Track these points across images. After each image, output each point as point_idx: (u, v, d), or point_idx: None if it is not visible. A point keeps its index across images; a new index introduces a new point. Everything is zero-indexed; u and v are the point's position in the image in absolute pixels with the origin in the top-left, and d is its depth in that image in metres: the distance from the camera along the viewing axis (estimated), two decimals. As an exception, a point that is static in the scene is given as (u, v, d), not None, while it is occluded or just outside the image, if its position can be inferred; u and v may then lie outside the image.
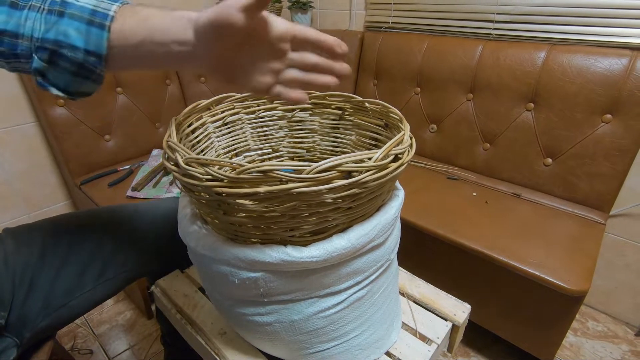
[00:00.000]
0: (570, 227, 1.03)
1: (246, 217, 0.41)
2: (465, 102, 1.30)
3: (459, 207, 1.11)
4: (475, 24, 1.32)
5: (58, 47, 0.36)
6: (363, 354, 0.55)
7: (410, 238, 1.02)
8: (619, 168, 1.05)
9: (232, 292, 0.49)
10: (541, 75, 1.12)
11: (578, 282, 0.83)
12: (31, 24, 0.36)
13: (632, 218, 1.17)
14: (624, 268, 1.24)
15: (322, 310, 0.48)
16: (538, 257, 0.90)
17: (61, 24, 0.36)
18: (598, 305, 1.34)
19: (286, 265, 0.43)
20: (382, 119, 0.58)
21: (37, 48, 0.36)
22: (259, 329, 0.52)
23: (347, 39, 1.59)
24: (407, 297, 0.69)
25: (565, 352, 1.17)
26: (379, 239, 0.47)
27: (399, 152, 0.41)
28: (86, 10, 0.36)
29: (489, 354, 1.16)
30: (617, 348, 1.19)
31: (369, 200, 0.43)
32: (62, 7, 0.36)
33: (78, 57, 0.36)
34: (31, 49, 0.36)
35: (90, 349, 1.17)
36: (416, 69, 1.39)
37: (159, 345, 1.16)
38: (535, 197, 1.17)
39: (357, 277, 0.48)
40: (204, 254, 0.47)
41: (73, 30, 0.36)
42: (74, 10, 0.36)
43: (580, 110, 1.08)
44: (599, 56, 1.05)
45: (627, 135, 1.02)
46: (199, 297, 0.68)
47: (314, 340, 0.50)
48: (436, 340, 0.61)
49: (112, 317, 1.29)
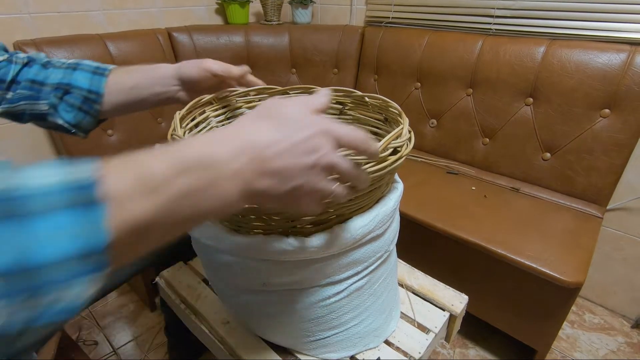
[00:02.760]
0: (568, 221, 1.05)
1: (249, 209, 0.42)
2: (465, 97, 1.31)
3: (458, 201, 1.12)
4: (476, 19, 1.32)
5: (69, 87, 0.52)
6: (362, 342, 0.56)
7: (410, 231, 1.04)
8: (616, 162, 1.06)
9: (235, 281, 0.51)
10: (540, 70, 1.13)
11: (574, 274, 0.84)
12: (53, 76, 0.52)
13: (629, 212, 1.18)
14: (621, 261, 1.25)
15: (323, 299, 0.50)
16: (535, 250, 0.92)
17: (74, 74, 0.52)
18: (595, 298, 1.36)
19: (288, 255, 0.44)
20: (382, 113, 0.59)
21: (55, 89, 0.52)
22: (262, 317, 0.54)
23: (348, 34, 1.59)
24: (406, 288, 0.71)
25: (562, 344, 1.19)
26: (378, 230, 0.48)
27: (397, 146, 0.43)
28: (92, 67, 0.53)
29: (486, 345, 1.18)
30: (613, 340, 1.21)
31: (368, 193, 0.44)
32: (75, 65, 0.53)
33: (83, 93, 0.52)
34: (49, 92, 0.52)
35: (95, 340, 1.19)
36: (416, 64, 1.40)
37: (163, 336, 1.18)
38: (534, 191, 1.18)
39: (357, 267, 0.49)
40: (207, 244, 0.48)
41: (82, 77, 0.52)
42: (83, 66, 0.53)
43: (578, 105, 1.09)
44: (597, 51, 1.05)
45: (625, 130, 1.03)
46: (202, 288, 0.70)
47: (315, 328, 0.52)
48: (434, 330, 0.62)
49: (116, 309, 1.31)
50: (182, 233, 0.27)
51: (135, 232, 0.22)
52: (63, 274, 0.18)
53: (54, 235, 0.20)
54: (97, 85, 0.52)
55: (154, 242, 0.25)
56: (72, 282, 0.19)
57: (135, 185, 0.22)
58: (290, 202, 0.30)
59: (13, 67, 0.51)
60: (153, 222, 0.23)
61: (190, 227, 0.28)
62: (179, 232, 0.26)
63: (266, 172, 0.28)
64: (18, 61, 0.52)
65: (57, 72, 0.52)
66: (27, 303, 0.17)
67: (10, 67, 0.51)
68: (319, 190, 0.30)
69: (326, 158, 0.30)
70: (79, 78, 0.52)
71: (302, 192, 0.30)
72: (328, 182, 0.31)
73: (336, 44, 1.61)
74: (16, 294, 0.17)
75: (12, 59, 0.52)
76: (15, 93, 0.51)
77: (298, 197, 0.30)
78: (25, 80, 0.51)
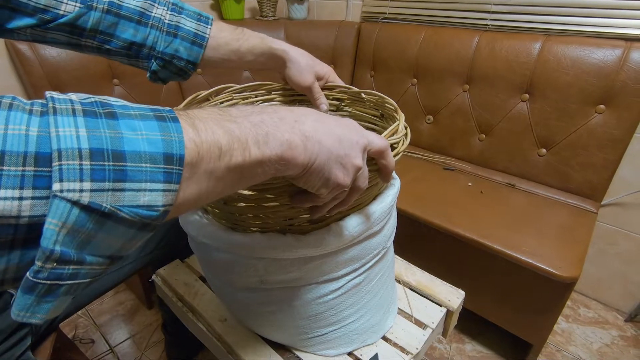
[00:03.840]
0: (563, 216, 1.05)
1: (246, 207, 0.42)
2: (462, 93, 1.31)
3: (455, 197, 1.13)
4: (472, 15, 1.32)
5: (171, 59, 0.53)
6: (360, 338, 0.56)
7: (407, 228, 1.04)
8: (611, 158, 1.07)
9: (232, 279, 0.51)
10: (536, 66, 1.13)
11: (569, 269, 0.85)
12: (152, 39, 0.51)
13: (624, 207, 1.19)
14: (615, 256, 1.27)
15: (321, 296, 0.50)
16: (531, 245, 0.92)
17: (174, 43, 0.52)
18: (589, 293, 1.37)
19: (285, 253, 0.44)
20: (378, 109, 0.59)
21: (156, 57, 0.52)
22: (259, 315, 0.54)
23: (344, 29, 1.59)
24: (403, 284, 0.71)
25: (557, 338, 1.21)
26: (375, 227, 0.48)
27: (393, 142, 0.42)
28: (190, 33, 0.53)
29: (482, 340, 1.19)
30: (607, 333, 1.23)
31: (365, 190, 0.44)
32: (175, 30, 0.52)
33: (181, 64, 0.54)
34: (150, 55, 0.52)
35: (92, 339, 1.19)
36: (413, 60, 1.40)
37: (160, 334, 1.18)
38: (530, 187, 1.19)
39: (354, 264, 0.49)
40: (204, 243, 0.48)
41: (182, 48, 0.53)
42: (183, 32, 0.52)
43: (574, 101, 1.09)
44: (593, 47, 1.05)
45: (620, 126, 1.04)
46: (199, 286, 0.70)
47: (313, 325, 0.52)
48: (431, 325, 0.63)
49: (112, 307, 1.31)
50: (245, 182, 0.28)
51: (208, 155, 0.24)
52: (145, 169, 0.21)
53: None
54: (195, 57, 0.54)
55: (222, 174, 0.26)
56: (150, 182, 0.21)
57: (211, 116, 0.26)
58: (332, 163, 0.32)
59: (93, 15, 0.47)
60: (225, 148, 0.25)
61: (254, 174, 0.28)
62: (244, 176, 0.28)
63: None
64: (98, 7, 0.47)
65: (157, 34, 0.51)
66: (115, 185, 0.20)
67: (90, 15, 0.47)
68: (355, 166, 0.33)
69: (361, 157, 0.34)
70: (180, 49, 0.52)
71: (342, 162, 0.32)
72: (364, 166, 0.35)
73: (332, 40, 1.60)
74: (107, 175, 0.20)
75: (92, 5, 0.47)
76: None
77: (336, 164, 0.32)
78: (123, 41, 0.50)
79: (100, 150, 0.20)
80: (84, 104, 0.21)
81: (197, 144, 0.23)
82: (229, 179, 0.26)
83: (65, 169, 0.19)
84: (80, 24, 0.47)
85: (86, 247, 0.20)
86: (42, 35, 0.46)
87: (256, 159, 0.27)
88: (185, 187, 0.23)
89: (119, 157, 0.20)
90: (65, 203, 0.18)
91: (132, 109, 0.22)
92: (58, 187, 0.18)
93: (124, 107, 0.22)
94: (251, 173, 0.28)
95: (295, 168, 0.30)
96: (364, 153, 0.34)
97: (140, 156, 0.21)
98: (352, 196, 0.37)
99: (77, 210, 0.19)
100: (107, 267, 0.23)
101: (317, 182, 0.32)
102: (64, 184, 0.18)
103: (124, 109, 0.22)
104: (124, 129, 0.21)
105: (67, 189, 0.18)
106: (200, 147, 0.24)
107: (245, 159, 0.26)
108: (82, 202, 0.19)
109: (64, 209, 0.18)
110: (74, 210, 0.19)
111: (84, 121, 0.20)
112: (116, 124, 0.21)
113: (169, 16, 0.52)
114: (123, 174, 0.20)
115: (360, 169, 0.33)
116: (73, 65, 1.20)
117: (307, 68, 0.59)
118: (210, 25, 0.54)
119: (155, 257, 0.75)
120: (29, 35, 0.46)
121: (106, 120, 0.21)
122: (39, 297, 0.20)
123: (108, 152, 0.20)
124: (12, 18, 0.43)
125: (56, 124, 0.19)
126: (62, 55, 1.18)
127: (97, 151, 0.20)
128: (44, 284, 0.20)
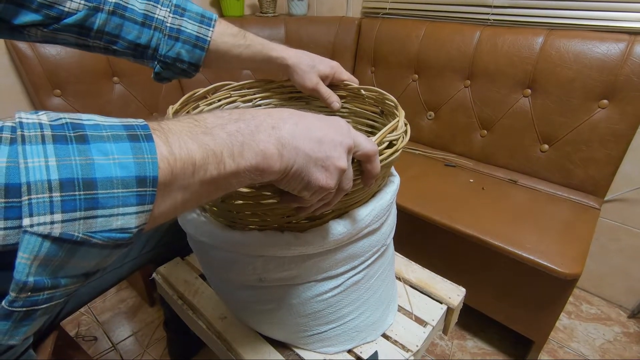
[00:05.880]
0: (566, 213, 1.05)
1: (244, 204, 0.41)
2: (463, 89, 1.30)
3: (456, 194, 1.12)
4: (473, 9, 1.31)
5: (173, 62, 0.54)
6: (360, 336, 0.56)
7: (408, 224, 1.04)
8: (614, 154, 1.06)
9: (231, 277, 0.50)
10: (538, 61, 1.12)
11: (571, 266, 0.84)
12: (156, 41, 0.53)
13: (627, 203, 1.18)
14: (618, 252, 1.26)
15: (320, 293, 0.49)
16: (533, 241, 0.92)
17: (176, 46, 0.53)
18: (592, 289, 1.37)
19: (284, 250, 0.44)
20: (378, 106, 0.58)
21: (159, 60, 0.54)
22: (258, 312, 0.54)
23: (344, 25, 1.58)
24: (404, 282, 0.71)
25: (559, 335, 1.20)
26: (374, 224, 0.48)
27: (393, 139, 0.42)
28: (192, 37, 0.54)
29: (484, 337, 1.19)
30: (610, 330, 1.22)
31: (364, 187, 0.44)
32: (177, 33, 0.53)
33: (184, 66, 0.55)
34: (154, 57, 0.54)
35: (94, 336, 1.19)
36: (414, 55, 1.39)
37: (162, 331, 1.19)
38: (532, 183, 1.18)
39: (353, 261, 0.49)
40: (203, 241, 0.48)
41: (184, 51, 0.54)
42: (185, 36, 0.53)
43: (576, 96, 1.08)
44: (596, 41, 1.04)
45: (623, 121, 1.03)
46: (199, 284, 0.70)
47: (312, 322, 0.52)
48: (431, 323, 0.62)
49: (115, 304, 1.31)
50: (220, 190, 0.28)
51: (182, 173, 0.24)
52: (117, 195, 0.20)
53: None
54: (197, 60, 0.55)
55: (196, 189, 0.26)
56: (122, 207, 0.21)
57: (186, 129, 0.25)
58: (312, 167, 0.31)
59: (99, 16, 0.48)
60: (200, 163, 0.25)
61: (231, 180, 0.28)
62: (220, 185, 0.27)
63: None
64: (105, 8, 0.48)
65: (160, 37, 0.52)
66: (87, 214, 0.20)
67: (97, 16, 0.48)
68: (338, 168, 0.32)
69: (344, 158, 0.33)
70: (182, 53, 0.53)
71: (325, 164, 0.31)
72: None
73: (333, 36, 1.59)
74: (79, 205, 0.19)
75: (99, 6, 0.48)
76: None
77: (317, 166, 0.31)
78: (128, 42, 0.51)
79: (70, 180, 0.19)
80: (54, 128, 0.20)
81: (171, 163, 0.23)
82: (204, 191, 0.26)
83: (35, 202, 0.18)
84: (88, 25, 0.48)
85: (60, 272, 0.20)
86: (52, 36, 0.47)
87: (231, 171, 0.27)
88: (160, 203, 0.23)
89: (90, 185, 0.20)
90: (36, 237, 0.18)
91: (104, 129, 0.22)
92: (28, 222, 0.18)
93: (95, 127, 0.22)
94: (226, 184, 0.27)
95: (272, 175, 0.29)
96: (348, 154, 0.33)
97: (112, 182, 0.20)
98: (336, 197, 0.36)
99: (48, 243, 0.19)
100: (84, 283, 0.23)
101: (298, 185, 0.32)
102: (33, 219, 0.18)
103: (95, 130, 0.21)
104: (95, 154, 0.20)
105: (37, 222, 0.18)
106: (174, 166, 0.23)
107: (220, 172, 0.26)
108: (53, 235, 0.19)
109: (35, 243, 0.18)
110: (45, 244, 0.19)
111: (53, 149, 0.19)
112: (87, 149, 0.20)
113: (171, 19, 0.52)
114: (95, 202, 0.20)
115: (344, 170, 0.33)
116: (73, 63, 1.20)
117: (308, 70, 0.58)
118: (213, 28, 0.55)
119: (156, 255, 0.75)
120: (40, 37, 0.47)
121: (77, 145, 0.20)
122: (16, 322, 0.20)
123: (79, 181, 0.19)
124: (17, 13, 0.43)
125: (24, 155, 0.19)
126: (61, 53, 1.18)
127: (67, 181, 0.19)
128: (19, 311, 0.20)
